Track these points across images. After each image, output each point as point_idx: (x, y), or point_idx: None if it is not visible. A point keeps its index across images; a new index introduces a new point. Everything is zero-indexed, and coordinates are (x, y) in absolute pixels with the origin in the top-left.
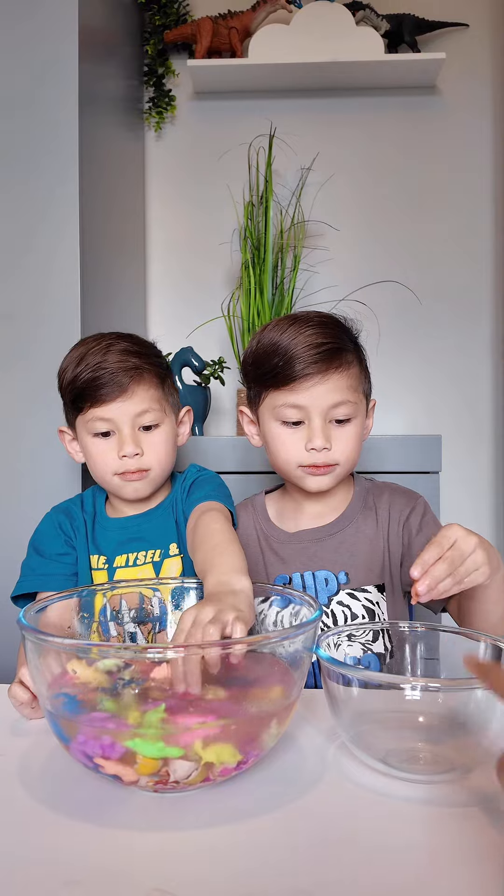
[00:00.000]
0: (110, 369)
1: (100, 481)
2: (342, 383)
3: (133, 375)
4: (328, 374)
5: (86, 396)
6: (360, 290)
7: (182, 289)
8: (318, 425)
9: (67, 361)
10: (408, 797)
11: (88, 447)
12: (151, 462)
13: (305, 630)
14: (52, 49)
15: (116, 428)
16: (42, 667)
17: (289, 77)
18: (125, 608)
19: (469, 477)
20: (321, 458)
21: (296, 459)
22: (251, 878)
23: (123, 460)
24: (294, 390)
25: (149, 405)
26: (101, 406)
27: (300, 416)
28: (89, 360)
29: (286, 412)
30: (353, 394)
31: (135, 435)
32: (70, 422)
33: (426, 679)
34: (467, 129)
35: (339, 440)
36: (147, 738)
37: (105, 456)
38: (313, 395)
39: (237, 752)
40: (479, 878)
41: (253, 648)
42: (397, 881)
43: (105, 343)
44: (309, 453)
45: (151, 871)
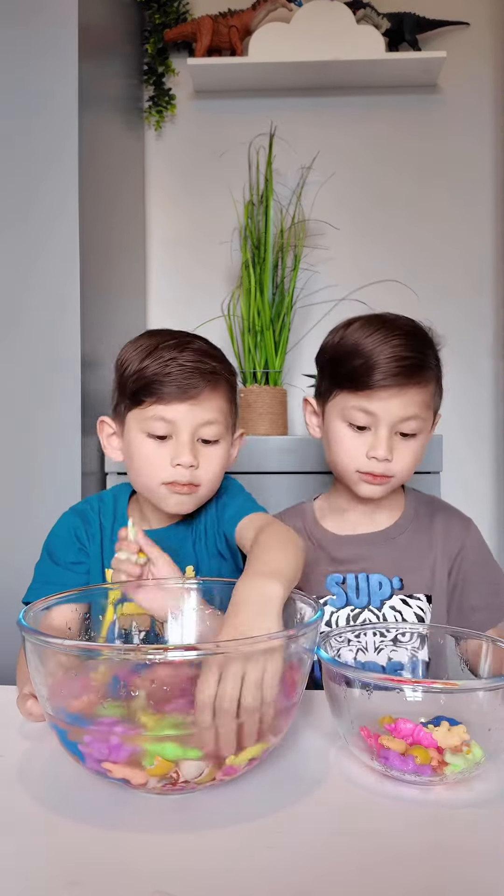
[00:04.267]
0: (187, 367)
1: (142, 488)
2: (417, 399)
3: (209, 380)
4: (406, 388)
5: (151, 390)
6: (360, 289)
7: (182, 288)
8: (383, 435)
9: (133, 350)
10: (409, 798)
11: (138, 447)
12: (203, 478)
13: (306, 631)
14: (52, 48)
15: (175, 432)
16: (42, 670)
17: (289, 76)
18: (134, 628)
19: (469, 477)
20: (380, 468)
21: (355, 464)
22: (252, 878)
23: (177, 469)
24: (368, 397)
25: (215, 416)
26: (165, 404)
27: (368, 421)
28: (163, 353)
29: (355, 415)
30: (424, 410)
31: (194, 445)
32: (119, 415)
33: (427, 681)
34: (468, 127)
35: (400, 453)
36: (170, 740)
37: (157, 461)
38: (387, 405)
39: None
40: (480, 878)
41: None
42: (398, 882)
43: (182, 339)
44: (369, 461)
45: (153, 872)
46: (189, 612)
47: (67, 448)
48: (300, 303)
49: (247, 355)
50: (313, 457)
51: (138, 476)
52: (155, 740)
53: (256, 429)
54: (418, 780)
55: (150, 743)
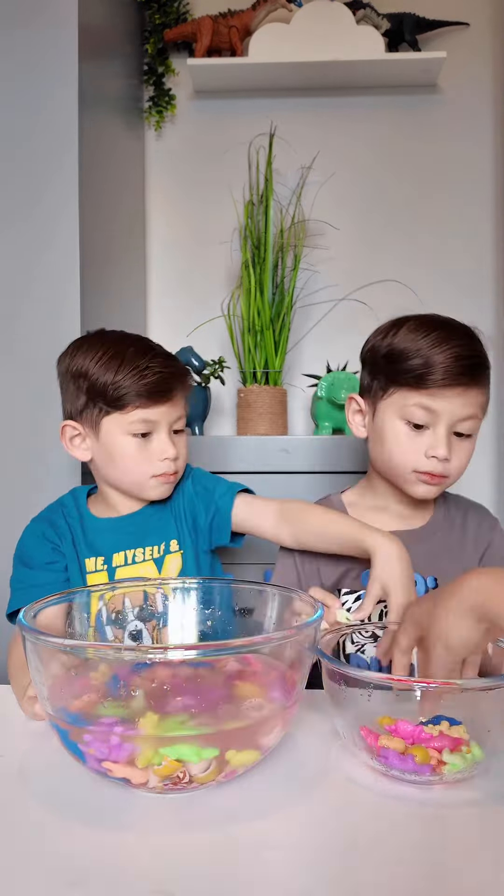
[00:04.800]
0: (164, 374)
1: (130, 481)
2: (477, 399)
3: (180, 380)
4: (468, 388)
5: (132, 398)
6: (360, 289)
7: (182, 288)
8: (443, 434)
9: (91, 359)
10: (408, 798)
11: (122, 447)
12: (181, 464)
13: (306, 630)
14: (52, 49)
15: (156, 430)
16: (43, 669)
17: (289, 76)
18: (128, 606)
19: (469, 477)
20: (440, 467)
21: (413, 463)
22: (253, 878)
23: (164, 462)
24: (432, 394)
25: (182, 411)
26: (146, 408)
27: (428, 420)
28: (136, 362)
29: (416, 413)
30: (480, 411)
31: (173, 438)
32: (88, 419)
33: (426, 679)
34: (468, 127)
35: (457, 454)
36: (183, 741)
37: (143, 457)
38: (449, 404)
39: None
40: (481, 878)
41: (254, 650)
42: (399, 882)
43: (139, 346)
44: (429, 460)
45: (153, 872)
46: (189, 612)
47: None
48: (300, 303)
49: (247, 355)
50: (313, 457)
51: (125, 473)
52: (166, 742)
53: (256, 429)
54: (418, 780)
55: (159, 743)
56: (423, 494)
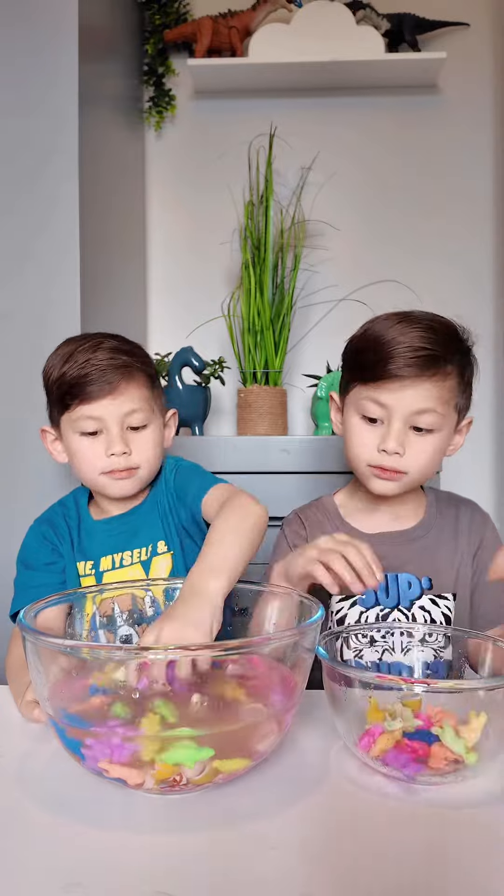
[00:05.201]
0: (100, 366)
1: (86, 481)
2: (433, 393)
3: (123, 373)
4: (420, 380)
5: (74, 393)
6: (360, 289)
7: (182, 288)
8: (395, 428)
9: (53, 359)
10: (410, 799)
11: (74, 446)
12: (139, 461)
13: (306, 631)
14: (52, 49)
15: (104, 427)
16: (43, 669)
17: (289, 76)
18: (118, 612)
19: (469, 477)
20: (390, 462)
21: (366, 457)
22: (253, 879)
23: (111, 459)
24: (381, 388)
25: (138, 405)
26: (89, 404)
27: (381, 414)
28: (78, 357)
29: (368, 407)
30: (441, 405)
31: (123, 434)
32: (55, 421)
33: (426, 680)
34: (468, 128)
35: (414, 449)
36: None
37: (92, 455)
38: (399, 396)
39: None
40: (481, 879)
41: (254, 650)
42: (399, 883)
43: (94, 341)
44: (380, 454)
45: (153, 873)
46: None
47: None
48: (300, 303)
49: (247, 355)
50: (313, 457)
51: (80, 472)
52: (165, 743)
53: (256, 429)
54: (418, 780)
55: (158, 745)
56: (379, 490)
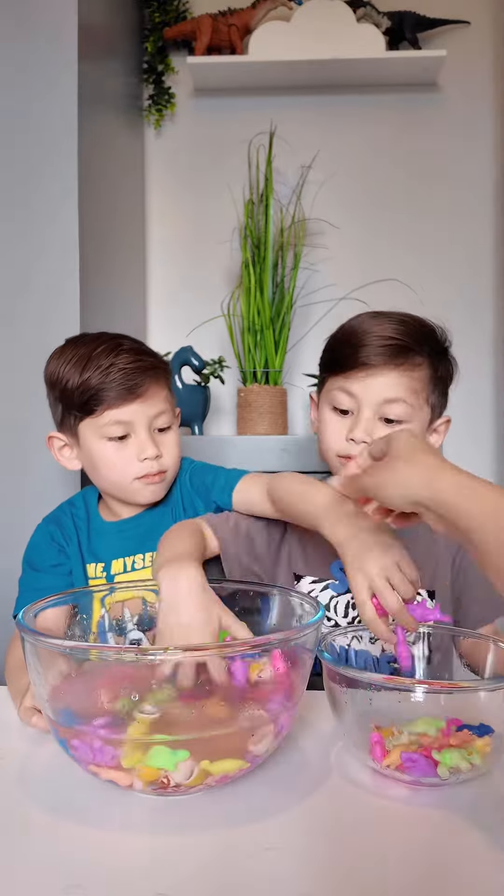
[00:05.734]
0: (128, 370)
1: (114, 486)
2: (402, 381)
3: (150, 375)
4: (387, 368)
5: (101, 398)
6: (360, 288)
7: (182, 287)
8: (364, 417)
9: (64, 364)
10: (409, 799)
11: (101, 452)
12: (168, 463)
13: (307, 631)
14: (52, 47)
15: (133, 431)
16: (42, 670)
17: (289, 74)
18: (128, 616)
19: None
20: (358, 451)
21: (335, 447)
22: (253, 880)
23: (145, 463)
24: (349, 377)
25: (163, 406)
26: (118, 408)
27: (351, 405)
28: (100, 361)
29: (338, 397)
30: (411, 396)
31: (152, 437)
32: (68, 427)
33: (428, 681)
34: (468, 126)
35: None
36: (159, 745)
37: (122, 460)
38: (367, 385)
39: (243, 762)
40: (481, 879)
41: (254, 651)
42: (400, 884)
43: (111, 343)
44: (348, 444)
45: (153, 874)
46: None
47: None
48: (300, 302)
49: (247, 355)
50: (313, 456)
51: (107, 479)
52: (141, 746)
53: (256, 428)
54: (419, 781)
55: (135, 749)
56: None
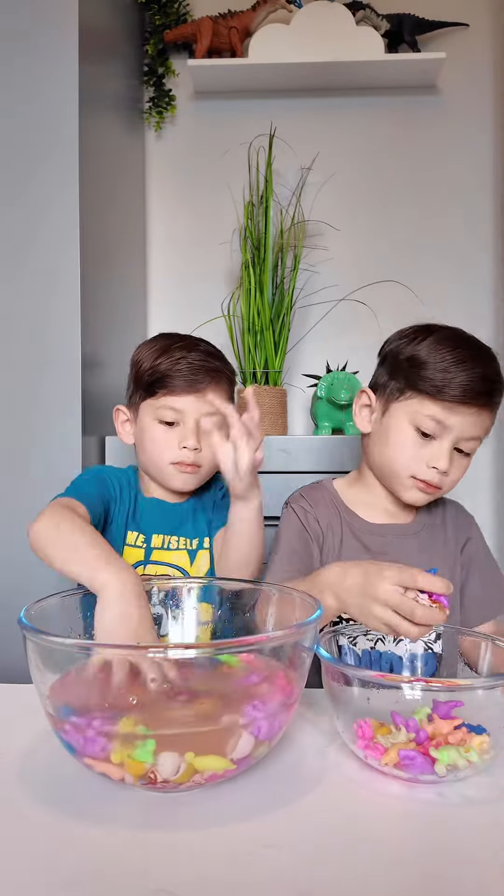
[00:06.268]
0: (193, 365)
1: (152, 466)
2: (487, 422)
3: (212, 377)
4: (483, 410)
5: (164, 383)
6: (360, 289)
7: (182, 288)
8: (446, 447)
9: (148, 349)
10: (408, 797)
11: (150, 431)
12: (205, 460)
13: (305, 629)
14: (52, 49)
15: (182, 420)
16: (43, 667)
17: (289, 77)
18: (154, 591)
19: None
20: (437, 478)
21: (413, 470)
22: (253, 878)
23: (183, 451)
24: (448, 408)
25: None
26: (174, 396)
27: (437, 431)
28: (174, 352)
29: (428, 423)
30: (485, 433)
31: (197, 431)
32: (133, 405)
33: (425, 679)
34: (467, 128)
35: (454, 468)
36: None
37: (166, 443)
38: (463, 421)
39: (227, 762)
40: (481, 878)
41: (253, 649)
42: (399, 882)
43: (190, 342)
44: (429, 470)
45: (153, 871)
46: (189, 610)
47: (67, 448)
48: (300, 303)
49: (247, 355)
50: (312, 457)
51: (150, 457)
52: (130, 740)
53: None
54: (417, 778)
55: (124, 744)
56: (413, 500)
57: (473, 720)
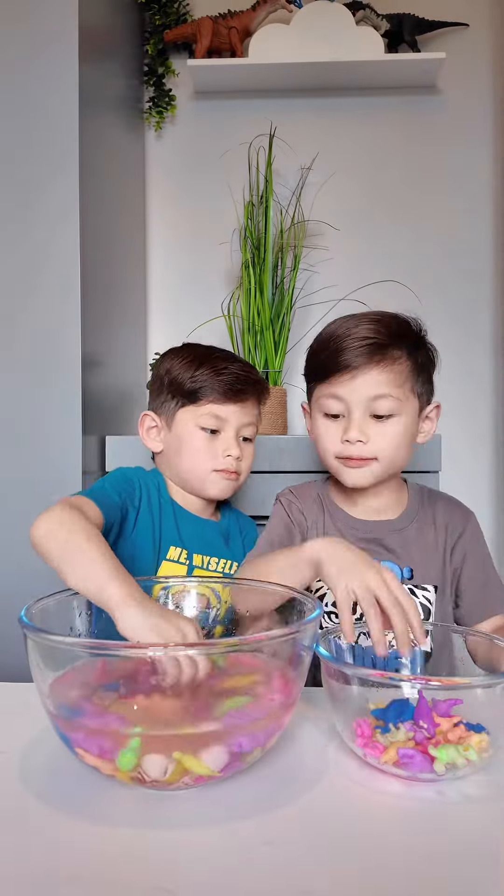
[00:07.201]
0: (239, 376)
1: (190, 473)
2: (383, 378)
3: (255, 388)
4: (368, 367)
5: (208, 391)
6: (359, 289)
7: (182, 288)
8: (355, 418)
9: (179, 359)
10: (408, 795)
11: (191, 439)
12: (243, 468)
13: (304, 628)
14: (52, 49)
15: (224, 428)
16: (44, 665)
17: (289, 77)
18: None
19: (469, 477)
20: (355, 450)
21: (332, 450)
22: (252, 876)
23: (227, 459)
24: (334, 382)
25: (254, 419)
26: (218, 404)
27: (341, 408)
28: (217, 362)
29: (327, 403)
30: (396, 389)
31: (238, 439)
32: (166, 412)
33: (425, 677)
34: (467, 128)
35: (377, 436)
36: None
37: (208, 451)
38: (352, 387)
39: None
40: (481, 876)
41: (252, 648)
42: (398, 879)
43: (227, 353)
44: (344, 444)
45: (153, 869)
46: (189, 610)
47: (67, 448)
48: (300, 303)
49: (247, 355)
50: (312, 456)
51: (189, 464)
52: (120, 738)
53: None
54: (417, 777)
55: (117, 741)
56: (353, 481)
57: (472, 719)
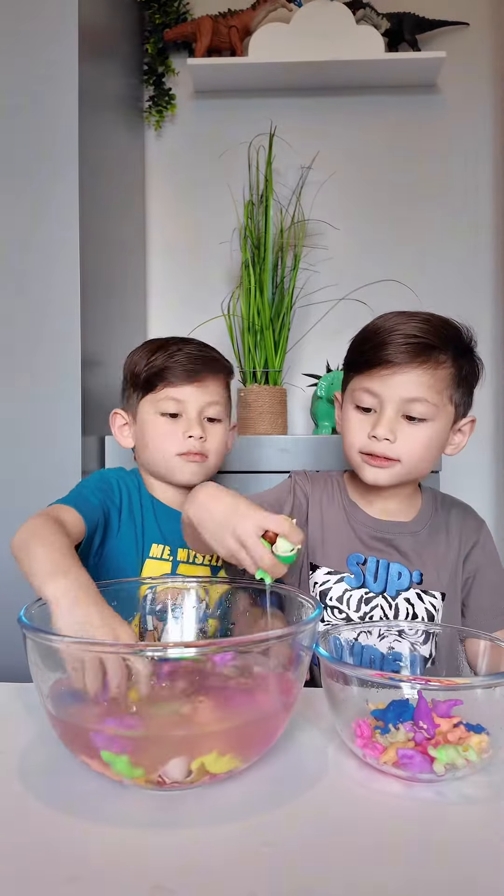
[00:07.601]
0: (191, 356)
1: (156, 461)
2: (423, 380)
3: (209, 367)
4: (410, 366)
5: (163, 376)
6: (360, 289)
7: (182, 288)
8: (387, 415)
9: (140, 352)
10: (407, 795)
11: (153, 426)
12: (211, 450)
13: (304, 629)
14: (52, 48)
15: (184, 411)
16: (43, 665)
17: (289, 76)
18: (169, 602)
19: (469, 477)
20: (380, 448)
21: (358, 444)
22: (252, 875)
23: (189, 441)
24: (372, 376)
25: (217, 398)
26: (175, 387)
27: (373, 403)
28: (170, 346)
29: (361, 396)
30: (434, 395)
31: (201, 421)
32: (131, 406)
33: (425, 678)
34: (467, 127)
35: (406, 437)
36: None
37: (170, 435)
38: (389, 383)
39: (237, 761)
40: (481, 876)
41: (251, 648)
42: (397, 879)
43: (183, 339)
44: (370, 440)
45: (152, 868)
46: (189, 609)
47: (67, 448)
48: (300, 302)
49: (247, 355)
50: (313, 456)
51: (154, 452)
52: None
53: (256, 428)
54: (417, 778)
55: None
56: (371, 478)
57: (472, 719)
